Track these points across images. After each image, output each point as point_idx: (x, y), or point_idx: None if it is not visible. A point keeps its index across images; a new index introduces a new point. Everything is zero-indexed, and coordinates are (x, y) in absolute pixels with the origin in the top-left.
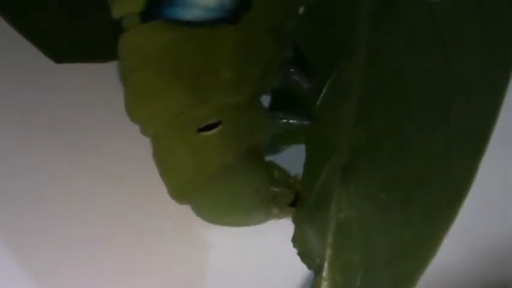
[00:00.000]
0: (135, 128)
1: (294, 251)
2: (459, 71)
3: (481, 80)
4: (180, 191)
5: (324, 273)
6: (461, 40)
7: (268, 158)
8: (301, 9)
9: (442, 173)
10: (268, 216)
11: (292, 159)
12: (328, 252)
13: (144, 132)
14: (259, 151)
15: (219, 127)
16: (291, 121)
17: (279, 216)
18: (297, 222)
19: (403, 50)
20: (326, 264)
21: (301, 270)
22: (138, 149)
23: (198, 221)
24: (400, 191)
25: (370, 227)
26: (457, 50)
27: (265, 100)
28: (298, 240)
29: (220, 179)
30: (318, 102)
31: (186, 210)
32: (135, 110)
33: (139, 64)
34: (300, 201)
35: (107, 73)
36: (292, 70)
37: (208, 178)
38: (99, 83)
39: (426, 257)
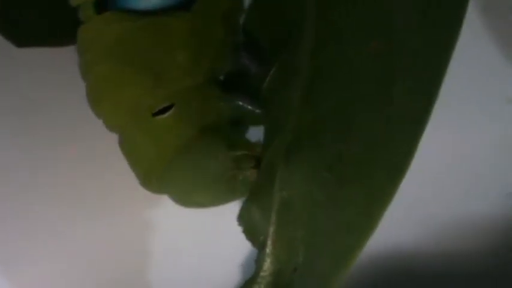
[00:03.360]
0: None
1: (239, 229)
2: (402, 53)
3: (422, 62)
4: (147, 179)
5: (267, 250)
6: (404, 23)
7: None
8: None
9: (382, 151)
10: (234, 186)
11: None
12: (272, 229)
13: (108, 127)
14: (216, 127)
15: (173, 109)
16: (244, 104)
17: (244, 188)
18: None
19: (349, 33)
20: (269, 241)
21: (245, 249)
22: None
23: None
24: (342, 169)
25: (313, 205)
26: (400, 33)
27: None
28: (243, 218)
29: (181, 159)
30: (265, 85)
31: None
32: (96, 104)
33: (96, 57)
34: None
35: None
36: (242, 54)
37: (171, 161)
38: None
39: (366, 232)
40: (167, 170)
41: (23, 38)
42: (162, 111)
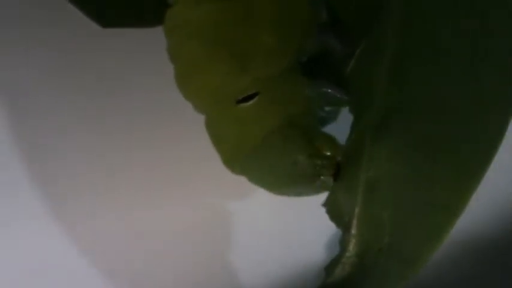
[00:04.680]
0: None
1: (323, 209)
2: (491, 31)
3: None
4: (229, 162)
5: (353, 231)
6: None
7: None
8: None
9: (472, 129)
10: (312, 189)
11: None
12: (357, 210)
13: (196, 108)
14: (301, 122)
15: (257, 98)
16: (330, 91)
17: (323, 189)
18: None
19: (436, 12)
20: (354, 222)
21: (329, 230)
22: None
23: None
24: (431, 148)
25: (400, 184)
26: (486, 12)
27: None
28: (327, 199)
29: (261, 152)
30: (351, 64)
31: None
32: (184, 85)
33: (184, 40)
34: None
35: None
36: (327, 35)
37: (252, 149)
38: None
39: (455, 211)
40: (247, 159)
41: (108, 19)
42: (246, 99)
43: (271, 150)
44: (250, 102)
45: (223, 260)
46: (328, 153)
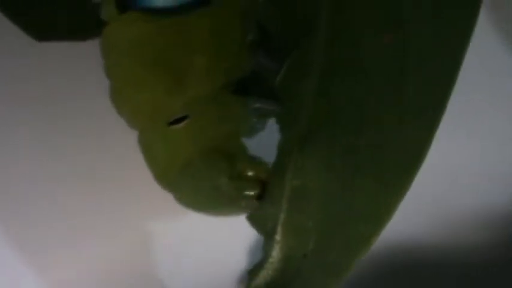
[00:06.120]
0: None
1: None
2: (413, 46)
3: (434, 56)
4: (160, 178)
5: (277, 237)
6: (414, 15)
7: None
8: None
9: (395, 143)
10: (238, 210)
11: None
12: (282, 216)
13: (130, 125)
14: (225, 146)
15: (186, 121)
16: (262, 106)
17: (249, 210)
18: None
19: (363, 28)
20: (279, 228)
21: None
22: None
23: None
24: (356, 159)
25: (326, 193)
26: (410, 26)
27: None
28: None
29: (187, 174)
30: (280, 78)
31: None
32: (118, 103)
33: (119, 58)
34: (268, 194)
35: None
36: (258, 52)
37: (179, 170)
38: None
39: (381, 221)
40: (174, 180)
41: (42, 33)
42: (178, 120)
43: (195, 173)
44: (180, 124)
45: (147, 264)
46: (251, 174)
